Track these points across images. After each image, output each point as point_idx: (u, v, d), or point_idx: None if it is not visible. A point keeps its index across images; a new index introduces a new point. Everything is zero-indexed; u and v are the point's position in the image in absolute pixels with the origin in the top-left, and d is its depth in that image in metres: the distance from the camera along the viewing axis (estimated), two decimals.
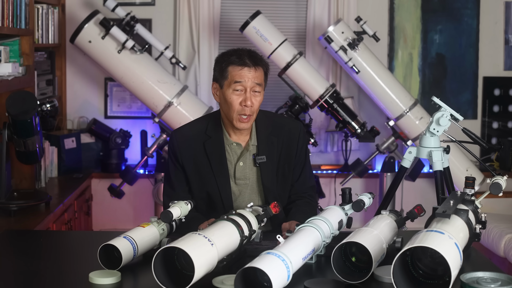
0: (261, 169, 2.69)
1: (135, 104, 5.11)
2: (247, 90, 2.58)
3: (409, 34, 5.25)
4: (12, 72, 3.46)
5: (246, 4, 5.10)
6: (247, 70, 2.57)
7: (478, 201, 2.34)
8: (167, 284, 1.90)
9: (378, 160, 5.08)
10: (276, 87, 5.06)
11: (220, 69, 2.63)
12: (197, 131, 2.71)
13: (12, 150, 3.53)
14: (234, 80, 2.57)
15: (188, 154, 2.69)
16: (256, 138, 2.70)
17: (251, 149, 2.70)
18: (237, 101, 2.58)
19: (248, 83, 2.57)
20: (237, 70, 2.57)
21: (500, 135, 5.36)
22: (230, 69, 2.59)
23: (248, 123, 2.62)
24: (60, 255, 2.41)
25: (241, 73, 2.57)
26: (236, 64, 2.58)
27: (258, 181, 2.71)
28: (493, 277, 1.99)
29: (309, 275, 2.07)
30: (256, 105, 2.60)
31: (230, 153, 2.69)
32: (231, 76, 2.58)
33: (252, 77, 2.58)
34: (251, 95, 2.58)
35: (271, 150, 2.70)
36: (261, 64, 2.62)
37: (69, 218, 3.93)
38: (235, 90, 2.58)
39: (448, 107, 3.14)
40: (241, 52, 2.62)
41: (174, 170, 2.72)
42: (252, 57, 2.61)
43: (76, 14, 4.92)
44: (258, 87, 2.60)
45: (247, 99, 2.57)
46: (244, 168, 2.69)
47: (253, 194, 2.71)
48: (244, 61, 2.58)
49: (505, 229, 4.46)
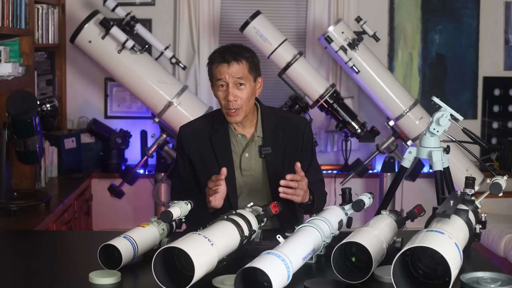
0: (267, 160, 2.73)
1: (135, 104, 5.11)
2: (230, 86, 2.64)
3: (409, 34, 5.25)
4: (12, 72, 3.46)
5: (246, 4, 5.11)
6: (226, 66, 2.63)
7: (478, 201, 2.34)
8: (167, 284, 1.90)
9: (378, 160, 5.08)
10: (276, 87, 5.06)
11: (209, 69, 2.73)
12: (203, 125, 2.79)
13: (12, 150, 3.53)
14: (216, 78, 2.66)
15: (195, 147, 2.76)
16: (262, 130, 2.75)
17: (257, 140, 2.75)
18: (222, 97, 2.67)
19: (229, 79, 2.64)
20: (218, 68, 2.65)
21: (500, 135, 5.36)
22: (213, 68, 2.68)
23: (237, 116, 2.67)
24: (60, 255, 2.42)
25: (221, 70, 2.64)
26: (216, 62, 2.66)
27: (264, 172, 2.74)
28: (493, 277, 1.99)
29: (309, 275, 2.07)
30: (244, 98, 2.65)
31: (236, 144, 2.75)
32: (214, 74, 2.68)
33: (233, 72, 2.63)
34: (234, 90, 2.64)
35: (277, 142, 2.74)
36: (244, 57, 2.66)
37: (69, 218, 3.93)
38: (219, 87, 2.66)
39: (448, 107, 3.14)
40: (223, 49, 2.69)
41: (182, 163, 2.79)
42: (234, 52, 2.66)
43: (76, 14, 4.92)
44: (241, 80, 2.64)
45: (230, 94, 2.63)
46: (249, 159, 2.73)
47: (259, 185, 2.74)
48: (224, 57, 2.64)
49: (505, 229, 4.46)
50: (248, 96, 2.66)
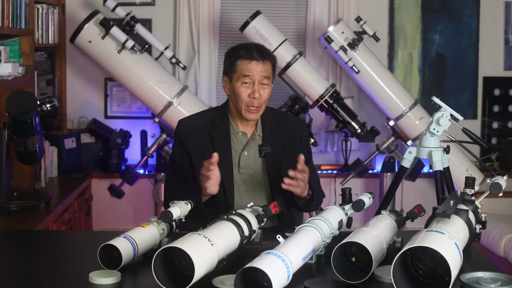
0: (266, 159, 2.74)
1: (135, 104, 5.11)
2: (255, 83, 2.65)
3: (409, 34, 5.25)
4: (12, 72, 3.46)
5: (246, 4, 5.11)
6: (255, 64, 2.65)
7: (478, 201, 2.34)
8: (167, 284, 1.90)
9: (378, 160, 5.08)
10: (276, 87, 5.00)
11: (230, 63, 2.71)
12: (204, 120, 2.79)
13: (12, 150, 3.53)
14: (243, 74, 2.66)
15: (194, 141, 2.75)
16: (262, 129, 2.76)
17: (257, 139, 2.76)
18: (245, 94, 2.66)
19: (256, 76, 2.65)
20: (246, 64, 2.66)
21: (500, 135, 5.36)
22: (238, 63, 2.67)
23: (256, 113, 2.69)
24: (60, 255, 2.41)
25: (249, 67, 2.65)
26: (245, 58, 2.66)
27: (263, 171, 2.75)
28: (493, 277, 1.98)
29: (309, 275, 2.07)
30: (265, 97, 2.68)
31: (236, 142, 2.75)
32: (239, 70, 2.66)
33: (260, 71, 2.65)
34: (259, 88, 2.66)
35: (276, 142, 2.76)
36: (269, 57, 2.71)
37: (69, 218, 3.93)
38: (244, 83, 2.66)
39: (448, 107, 3.14)
40: (250, 46, 2.70)
41: (180, 156, 2.77)
42: (260, 51, 2.69)
43: (76, 14, 4.92)
44: (266, 80, 2.68)
45: (255, 91, 2.65)
46: (248, 157, 2.74)
47: (256, 184, 2.74)
48: (252, 55, 2.66)
49: (505, 229, 4.46)
50: (268, 96, 2.70)
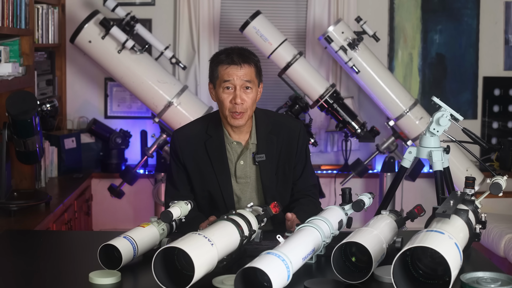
0: (260, 167, 2.70)
1: (135, 104, 5.11)
2: (237, 88, 2.59)
3: (409, 34, 5.25)
4: (12, 72, 3.46)
5: (246, 4, 5.10)
6: (235, 68, 2.59)
7: (478, 201, 2.34)
8: (167, 284, 1.90)
9: (378, 160, 5.08)
10: (276, 87, 5.06)
11: (212, 69, 2.66)
12: (198, 130, 2.73)
13: (12, 150, 3.53)
14: (223, 79, 2.60)
15: (189, 153, 2.71)
16: (256, 136, 2.71)
17: (251, 148, 2.71)
18: (227, 99, 2.61)
19: (237, 81, 2.59)
20: (225, 69, 2.60)
21: (500, 135, 5.36)
22: (219, 69, 2.62)
23: (241, 119, 2.63)
24: (60, 255, 2.41)
25: (229, 72, 2.59)
26: (224, 63, 2.60)
27: (258, 179, 2.72)
28: (493, 277, 1.99)
29: (309, 275, 2.07)
30: (249, 102, 2.62)
31: (231, 152, 2.71)
32: (220, 76, 2.61)
33: (241, 75, 2.59)
34: (241, 93, 2.60)
35: (271, 149, 2.71)
36: (251, 60, 2.63)
37: (69, 218, 3.93)
38: (225, 89, 2.61)
39: (448, 107, 3.14)
40: (230, 51, 2.64)
41: (176, 169, 2.74)
42: (241, 54, 2.62)
43: (76, 14, 4.92)
44: (249, 84, 2.61)
45: (237, 96, 2.59)
46: (244, 166, 2.71)
47: (253, 192, 2.72)
48: (232, 59, 2.59)
49: (505, 229, 4.46)
50: (253, 101, 2.63)
